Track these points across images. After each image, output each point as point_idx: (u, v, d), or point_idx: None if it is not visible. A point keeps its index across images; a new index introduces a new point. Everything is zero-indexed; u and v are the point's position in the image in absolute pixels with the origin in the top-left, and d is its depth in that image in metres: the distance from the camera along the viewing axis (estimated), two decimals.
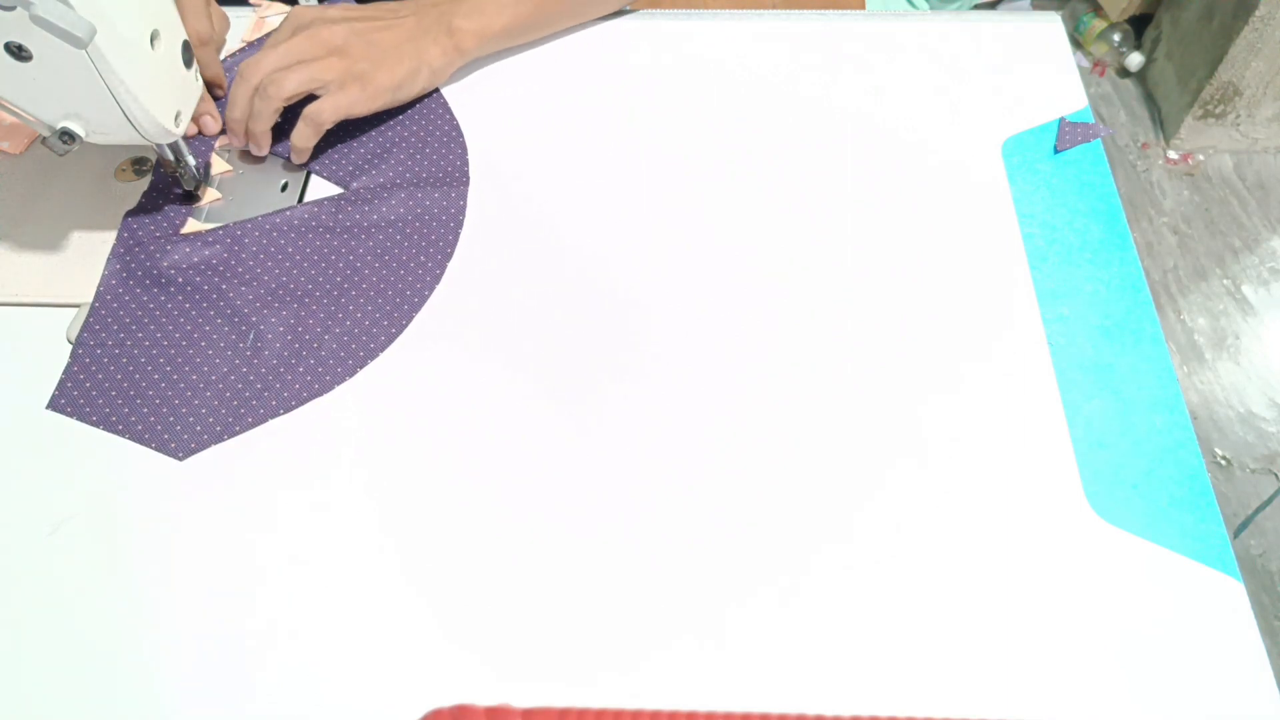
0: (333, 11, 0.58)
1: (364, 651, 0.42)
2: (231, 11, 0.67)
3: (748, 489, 0.47)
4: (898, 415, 0.49)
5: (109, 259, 0.54)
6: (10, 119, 0.47)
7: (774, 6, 0.71)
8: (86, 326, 0.51)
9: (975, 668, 0.42)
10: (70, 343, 0.51)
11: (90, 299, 0.52)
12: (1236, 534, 1.28)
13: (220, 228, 0.54)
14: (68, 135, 0.48)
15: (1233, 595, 0.44)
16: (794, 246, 0.56)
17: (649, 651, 0.43)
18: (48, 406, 0.49)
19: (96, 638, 0.43)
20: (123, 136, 0.49)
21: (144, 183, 0.57)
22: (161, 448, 0.48)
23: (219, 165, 0.58)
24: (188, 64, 0.51)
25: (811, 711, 0.41)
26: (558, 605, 0.44)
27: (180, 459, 0.47)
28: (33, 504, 0.46)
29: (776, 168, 0.60)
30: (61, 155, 0.48)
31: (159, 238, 0.54)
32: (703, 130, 0.62)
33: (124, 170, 0.58)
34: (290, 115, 0.56)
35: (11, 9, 0.41)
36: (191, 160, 0.54)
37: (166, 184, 0.57)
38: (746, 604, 0.44)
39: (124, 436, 0.48)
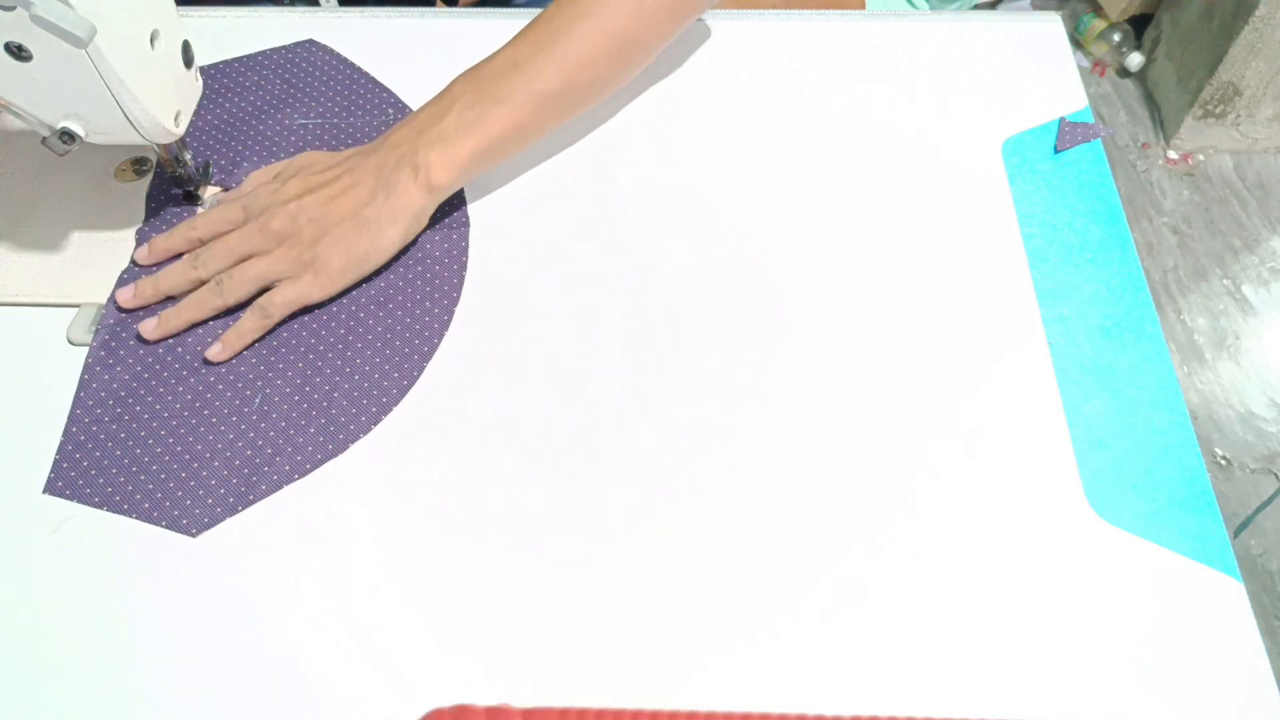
0: (288, 189, 0.53)
1: (365, 652, 0.42)
2: (234, 11, 0.67)
3: (745, 490, 0.47)
4: (897, 416, 0.49)
5: (98, 329, 0.51)
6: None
7: (774, 6, 0.71)
8: (78, 402, 0.48)
9: (974, 668, 0.42)
10: (71, 343, 0.51)
11: (89, 299, 0.52)
12: (1236, 534, 1.28)
13: None
14: (68, 135, 0.47)
15: (1233, 595, 0.44)
16: (793, 247, 0.56)
17: (648, 652, 0.43)
18: (44, 491, 0.46)
19: (96, 638, 0.43)
20: (123, 136, 0.49)
21: (144, 183, 0.57)
22: (172, 525, 0.45)
23: None
24: (188, 64, 0.51)
25: (812, 711, 0.41)
26: (558, 605, 0.44)
27: (194, 535, 0.45)
28: (33, 504, 0.46)
29: (776, 168, 0.60)
30: (61, 155, 0.48)
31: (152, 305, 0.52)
32: (702, 130, 0.61)
33: (124, 170, 0.58)
34: None
35: (11, 9, 0.41)
36: (193, 164, 0.54)
37: (166, 192, 0.56)
38: (745, 605, 0.44)
39: (130, 516, 0.46)
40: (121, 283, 0.53)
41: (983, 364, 0.51)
